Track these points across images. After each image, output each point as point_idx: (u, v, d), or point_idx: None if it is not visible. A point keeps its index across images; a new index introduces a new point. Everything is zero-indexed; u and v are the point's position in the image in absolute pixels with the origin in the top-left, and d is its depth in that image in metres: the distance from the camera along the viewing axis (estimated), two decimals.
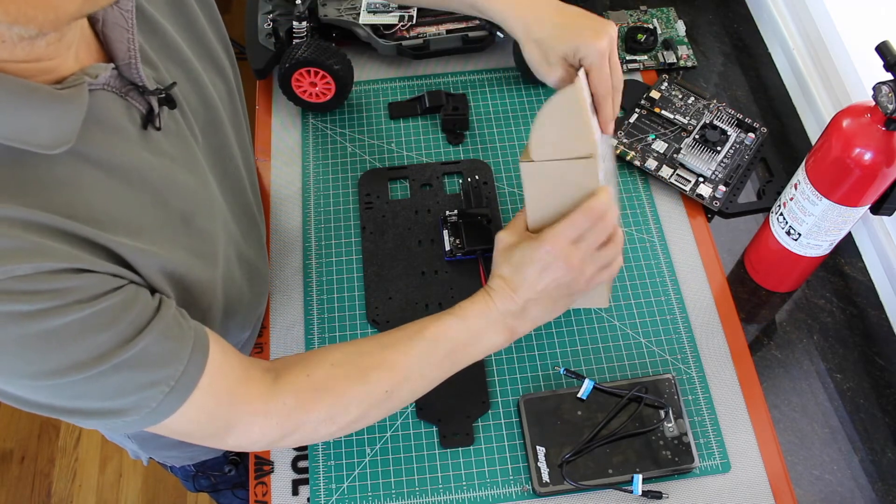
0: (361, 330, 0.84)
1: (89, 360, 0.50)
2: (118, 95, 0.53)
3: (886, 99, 0.65)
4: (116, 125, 0.53)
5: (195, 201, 0.61)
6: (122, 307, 0.51)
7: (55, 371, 0.49)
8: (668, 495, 0.75)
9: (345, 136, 0.98)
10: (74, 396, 0.52)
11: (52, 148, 0.47)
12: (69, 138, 0.48)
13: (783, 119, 1.01)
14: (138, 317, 0.52)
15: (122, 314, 0.51)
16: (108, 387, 0.52)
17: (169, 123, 0.58)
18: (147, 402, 0.54)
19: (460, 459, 0.77)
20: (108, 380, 0.51)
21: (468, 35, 1.00)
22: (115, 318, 0.51)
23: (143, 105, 0.55)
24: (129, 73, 0.54)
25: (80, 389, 0.51)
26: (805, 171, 0.76)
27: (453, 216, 0.89)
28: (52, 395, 0.52)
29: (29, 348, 0.48)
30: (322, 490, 0.75)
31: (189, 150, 0.61)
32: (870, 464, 0.78)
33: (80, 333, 0.49)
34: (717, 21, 1.10)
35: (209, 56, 0.67)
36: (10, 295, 0.46)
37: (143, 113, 0.55)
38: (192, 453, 0.95)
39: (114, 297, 0.51)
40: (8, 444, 1.67)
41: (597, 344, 0.83)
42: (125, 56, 0.53)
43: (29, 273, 0.46)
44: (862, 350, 0.84)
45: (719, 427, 0.78)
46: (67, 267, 0.48)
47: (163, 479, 1.64)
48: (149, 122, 0.56)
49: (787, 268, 0.84)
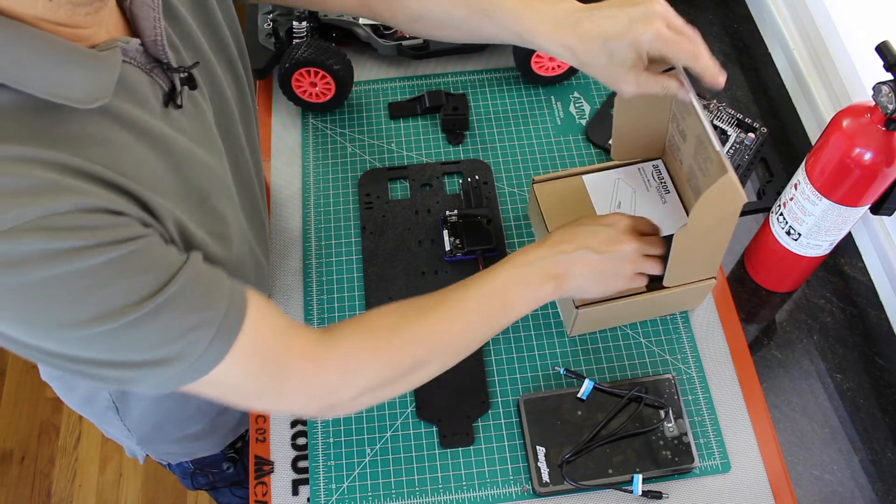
0: None
1: (130, 302, 0.50)
2: (143, 71, 0.55)
3: (886, 99, 0.65)
4: (144, 97, 0.55)
5: (212, 181, 0.62)
6: (156, 252, 0.52)
7: (97, 316, 0.49)
8: (668, 495, 0.75)
9: (345, 136, 0.98)
10: (118, 347, 0.51)
11: (88, 102, 0.49)
12: (105, 94, 0.49)
13: (783, 119, 1.01)
14: (171, 263, 0.53)
15: (157, 258, 0.52)
16: (152, 333, 0.51)
17: (188, 104, 0.60)
18: (193, 347, 0.53)
19: (460, 459, 0.77)
20: (151, 324, 0.51)
21: None
22: (152, 261, 0.51)
23: (165, 83, 0.57)
24: (154, 49, 0.56)
25: (123, 338, 0.51)
26: (805, 171, 0.76)
27: (453, 216, 0.89)
28: (95, 346, 0.51)
29: (70, 289, 0.48)
30: (322, 490, 0.75)
31: (207, 133, 0.63)
32: (870, 464, 0.78)
33: (120, 273, 0.49)
34: (717, 21, 1.10)
35: (223, 52, 0.68)
36: (51, 232, 0.46)
37: (165, 91, 0.57)
38: (191, 449, 0.95)
39: (146, 241, 0.51)
40: (8, 444, 1.67)
41: (597, 344, 0.83)
42: (151, 33, 0.55)
43: (68, 210, 0.47)
44: (862, 350, 0.84)
45: (719, 427, 0.78)
46: (104, 206, 0.49)
47: (162, 480, 1.64)
48: (171, 100, 0.58)
49: (787, 268, 0.84)
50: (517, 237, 0.89)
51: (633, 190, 0.83)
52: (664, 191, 0.83)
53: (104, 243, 0.48)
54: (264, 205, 0.80)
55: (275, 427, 0.79)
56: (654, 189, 0.83)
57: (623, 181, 0.84)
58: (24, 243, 0.45)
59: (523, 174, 0.94)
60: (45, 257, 0.46)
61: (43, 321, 0.49)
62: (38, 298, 0.47)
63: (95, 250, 0.48)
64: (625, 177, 0.84)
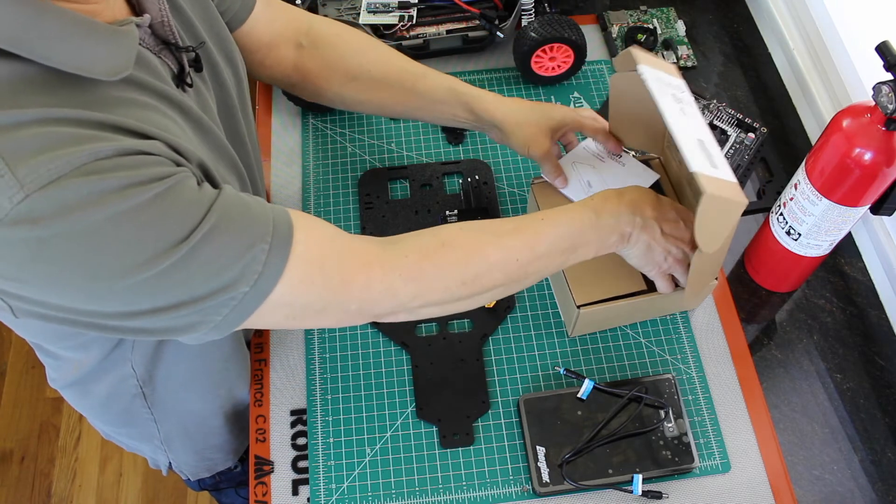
0: (361, 330, 0.84)
1: (183, 234, 0.51)
2: (152, 52, 0.57)
3: (886, 99, 0.65)
4: (158, 72, 0.57)
5: (220, 165, 0.63)
6: (194, 185, 0.53)
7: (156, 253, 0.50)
8: (668, 495, 0.75)
9: (345, 136, 0.98)
10: (180, 283, 0.52)
11: (112, 75, 0.50)
12: (127, 66, 0.51)
13: (783, 119, 1.01)
14: (209, 191, 0.54)
15: (195, 190, 0.53)
16: (211, 258, 0.52)
17: (194, 89, 0.62)
18: (253, 265, 0.54)
19: (460, 459, 0.77)
20: (207, 250, 0.52)
21: (468, 35, 1.00)
22: (192, 192, 0.52)
23: (174, 64, 0.59)
24: (161, 31, 0.58)
25: (184, 272, 0.51)
26: (805, 171, 0.76)
27: (453, 216, 0.89)
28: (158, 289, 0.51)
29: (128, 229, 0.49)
30: (322, 490, 0.75)
31: (212, 118, 0.64)
32: (870, 464, 0.78)
33: (169, 206, 0.50)
34: (717, 21, 1.10)
35: (221, 45, 0.69)
36: (99, 174, 0.47)
37: (174, 72, 0.59)
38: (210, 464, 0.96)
39: (183, 175, 0.52)
40: (8, 444, 1.67)
41: (597, 344, 0.83)
42: (157, 15, 0.57)
43: (111, 154, 0.48)
44: (862, 350, 0.84)
45: (719, 427, 0.78)
46: (142, 149, 0.50)
47: (163, 479, 1.63)
48: (181, 81, 0.59)
49: (787, 268, 0.84)
50: None
51: (591, 167, 0.84)
52: (617, 155, 0.85)
53: (148, 179, 0.49)
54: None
55: (275, 427, 0.79)
56: (609, 158, 0.85)
57: (579, 163, 0.85)
58: (77, 189, 0.46)
59: (523, 174, 0.94)
60: (97, 199, 0.47)
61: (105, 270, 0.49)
62: (98, 245, 0.48)
63: (142, 187, 0.49)
64: (578, 158, 0.85)
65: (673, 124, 0.64)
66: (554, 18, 0.96)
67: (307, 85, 0.84)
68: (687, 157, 0.63)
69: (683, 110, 0.68)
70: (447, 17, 1.01)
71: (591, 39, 1.04)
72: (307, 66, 0.82)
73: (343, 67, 0.81)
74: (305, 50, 0.81)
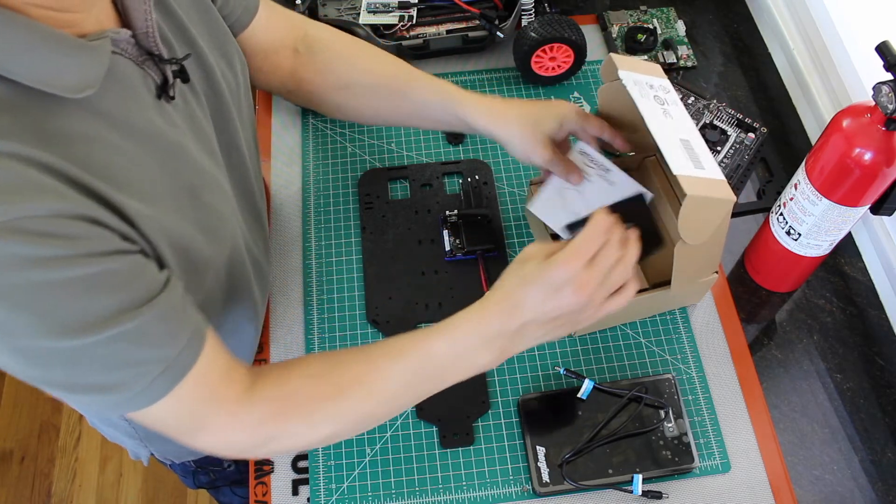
0: (361, 330, 0.84)
1: (91, 322, 0.49)
2: (135, 63, 0.56)
3: (886, 99, 0.65)
4: (134, 90, 0.55)
5: (203, 177, 0.61)
6: (130, 274, 0.51)
7: (57, 330, 0.48)
8: (668, 495, 0.75)
9: (345, 136, 0.98)
10: (71, 364, 0.51)
11: (76, 91, 0.49)
12: (93, 84, 0.50)
13: (783, 119, 1.01)
14: (144, 289, 0.52)
15: (129, 281, 0.51)
16: (105, 357, 0.51)
17: (180, 100, 0.60)
18: (139, 379, 0.53)
19: (460, 459, 0.77)
20: (106, 349, 0.51)
21: (468, 35, 1.00)
22: (122, 283, 0.51)
23: (157, 75, 0.57)
24: (146, 41, 0.56)
25: (77, 357, 0.50)
26: (805, 171, 0.76)
27: (453, 216, 0.89)
28: (49, 363, 0.51)
29: (35, 298, 0.47)
30: (322, 490, 0.75)
31: (199, 128, 0.63)
32: (870, 464, 0.78)
33: (87, 290, 0.49)
34: (717, 21, 1.10)
35: (220, 48, 0.69)
36: (25, 236, 0.45)
37: (157, 83, 0.57)
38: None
39: (123, 259, 0.51)
40: (8, 444, 1.67)
41: (597, 344, 0.83)
42: (142, 25, 0.55)
43: (46, 215, 0.46)
44: (862, 350, 0.84)
45: (719, 427, 0.78)
46: (84, 214, 0.48)
47: (162, 479, 1.63)
48: (163, 93, 0.58)
49: (787, 268, 0.84)
50: (517, 237, 0.89)
51: (576, 189, 0.78)
52: (604, 170, 0.78)
53: (78, 255, 0.48)
54: (263, 205, 0.79)
55: None
56: (595, 175, 0.79)
57: (564, 187, 0.79)
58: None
59: (523, 174, 0.94)
60: (17, 262, 0.45)
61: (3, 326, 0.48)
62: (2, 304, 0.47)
63: (69, 261, 0.47)
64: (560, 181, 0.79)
65: (654, 127, 0.65)
66: (554, 18, 0.96)
67: (302, 92, 0.83)
68: (669, 160, 0.63)
69: (667, 111, 0.69)
70: (447, 17, 1.01)
71: (591, 39, 1.04)
72: (302, 73, 0.81)
73: (334, 76, 0.81)
74: (301, 56, 0.81)
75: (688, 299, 0.84)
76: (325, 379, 0.63)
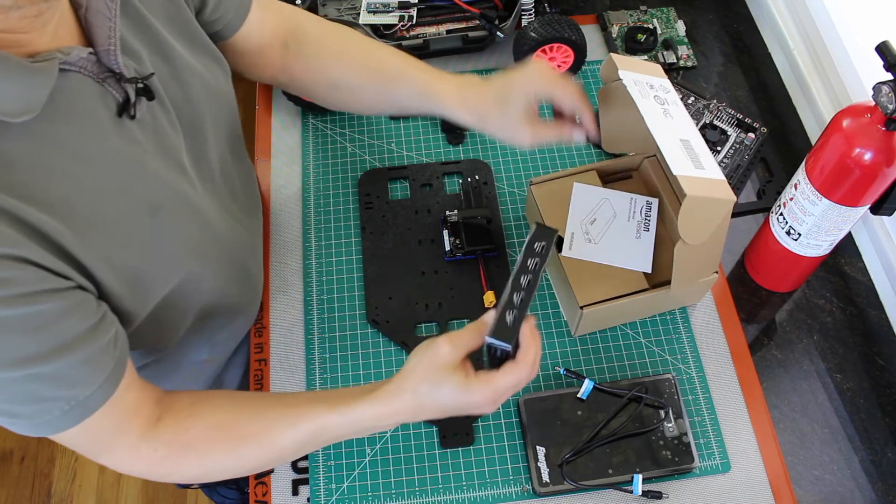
0: (361, 330, 0.84)
1: (9, 360, 0.50)
2: (95, 81, 0.54)
3: (886, 99, 0.65)
4: (88, 110, 0.54)
5: (165, 193, 0.61)
6: (58, 315, 0.51)
7: None
8: (668, 495, 0.75)
9: (345, 136, 0.98)
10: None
11: (15, 116, 0.47)
12: (34, 108, 0.48)
13: (783, 119, 1.01)
14: (69, 331, 0.52)
15: (54, 323, 0.51)
16: (15, 391, 0.52)
17: (146, 115, 0.59)
18: (44, 413, 0.54)
19: (460, 459, 0.77)
20: (19, 386, 0.52)
21: (468, 35, 1.00)
22: (46, 326, 0.51)
23: (119, 93, 0.56)
24: (107, 59, 0.54)
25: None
26: (805, 171, 0.76)
27: (453, 216, 0.89)
28: None
29: None
30: (322, 490, 0.75)
31: (165, 144, 0.61)
32: (870, 464, 0.78)
33: (10, 332, 0.49)
34: (717, 21, 1.10)
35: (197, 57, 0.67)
36: None
37: (119, 101, 0.56)
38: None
39: (52, 300, 0.51)
40: (8, 444, 1.67)
41: (597, 344, 0.83)
42: (105, 42, 0.54)
43: None
44: (862, 350, 0.84)
45: (719, 427, 0.78)
46: (12, 254, 0.48)
47: None
48: (124, 111, 0.56)
49: (787, 268, 0.84)
50: (517, 237, 0.89)
51: (614, 215, 0.82)
52: (644, 228, 0.82)
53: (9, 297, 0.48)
54: (256, 209, 0.79)
55: None
56: (636, 223, 0.83)
57: (610, 202, 0.83)
58: None
59: (523, 174, 0.94)
60: None
61: None
62: None
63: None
64: (614, 199, 0.84)
65: (654, 127, 0.66)
66: (554, 18, 0.96)
67: (295, 87, 0.83)
68: (669, 160, 0.64)
69: (667, 111, 0.69)
70: (447, 17, 1.01)
71: (591, 39, 1.04)
72: (293, 68, 0.81)
73: (324, 75, 0.80)
74: (291, 52, 0.80)
75: (688, 299, 0.84)
76: (224, 431, 0.64)
